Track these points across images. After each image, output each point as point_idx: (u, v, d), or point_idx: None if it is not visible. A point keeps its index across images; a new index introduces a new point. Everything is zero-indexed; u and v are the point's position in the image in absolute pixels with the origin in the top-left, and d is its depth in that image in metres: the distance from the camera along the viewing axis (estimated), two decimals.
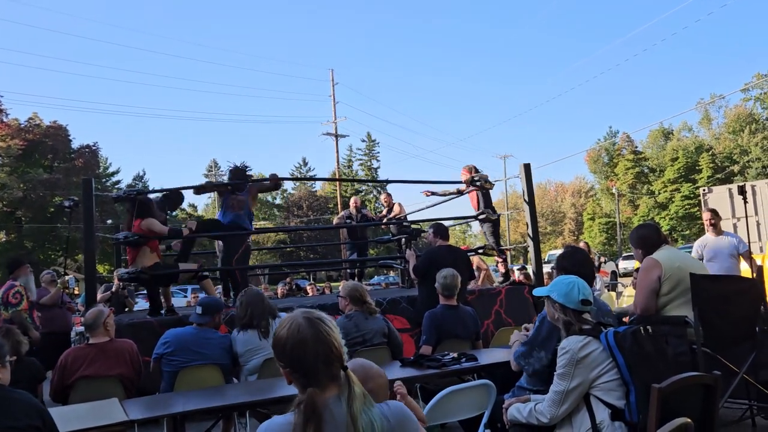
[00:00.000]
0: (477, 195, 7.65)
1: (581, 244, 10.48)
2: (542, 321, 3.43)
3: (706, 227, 7.13)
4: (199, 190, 7.38)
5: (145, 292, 7.96)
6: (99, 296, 7.04)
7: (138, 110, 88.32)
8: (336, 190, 40.55)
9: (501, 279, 7.82)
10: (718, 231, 6.87)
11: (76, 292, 25.03)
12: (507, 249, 8.20)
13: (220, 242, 7.16)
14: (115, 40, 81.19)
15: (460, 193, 8.15)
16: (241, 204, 6.93)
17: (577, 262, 3.58)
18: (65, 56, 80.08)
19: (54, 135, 35.60)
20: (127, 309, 8.25)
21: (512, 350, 3.63)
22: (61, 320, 7.60)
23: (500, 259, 7.79)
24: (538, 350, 3.36)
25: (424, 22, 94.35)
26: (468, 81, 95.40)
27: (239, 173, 7.01)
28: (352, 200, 10.54)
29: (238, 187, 6.89)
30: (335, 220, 11.06)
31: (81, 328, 8.47)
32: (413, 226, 8.78)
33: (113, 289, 7.74)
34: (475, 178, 7.55)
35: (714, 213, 7.03)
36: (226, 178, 7.35)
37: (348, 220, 10.14)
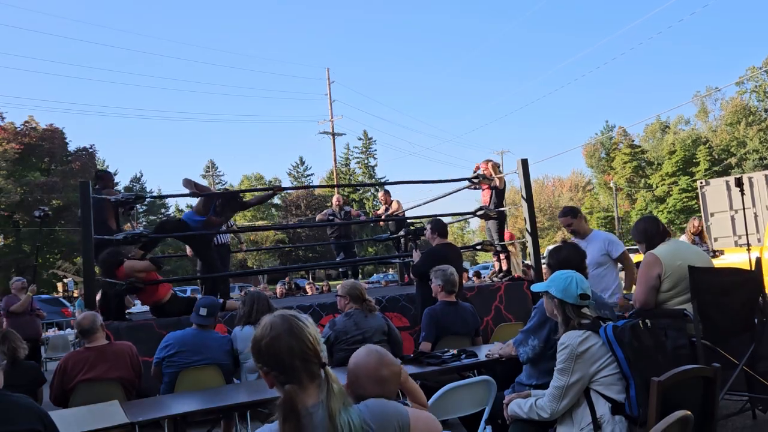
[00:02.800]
0: (491, 192, 7.71)
1: None
2: (536, 311, 3.51)
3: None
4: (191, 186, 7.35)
5: None
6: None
7: (134, 112, 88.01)
8: (334, 188, 40.53)
9: (501, 275, 7.82)
10: (582, 234, 5.40)
11: (75, 294, 25.04)
12: (509, 245, 8.16)
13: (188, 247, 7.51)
14: (110, 42, 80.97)
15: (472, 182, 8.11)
16: (217, 226, 7.08)
17: (561, 259, 3.59)
18: (60, 59, 79.81)
19: (50, 138, 35.51)
20: (127, 311, 8.25)
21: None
22: (30, 327, 7.68)
23: (503, 256, 7.81)
24: (532, 338, 3.46)
25: (419, 19, 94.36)
26: (464, 77, 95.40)
27: (235, 199, 7.25)
28: (334, 198, 10.45)
29: (224, 212, 6.95)
30: (318, 218, 10.89)
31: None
32: (416, 224, 8.77)
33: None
34: (473, 179, 7.62)
35: (570, 214, 5.46)
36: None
37: (331, 218, 10.08)
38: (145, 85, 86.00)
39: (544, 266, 7.78)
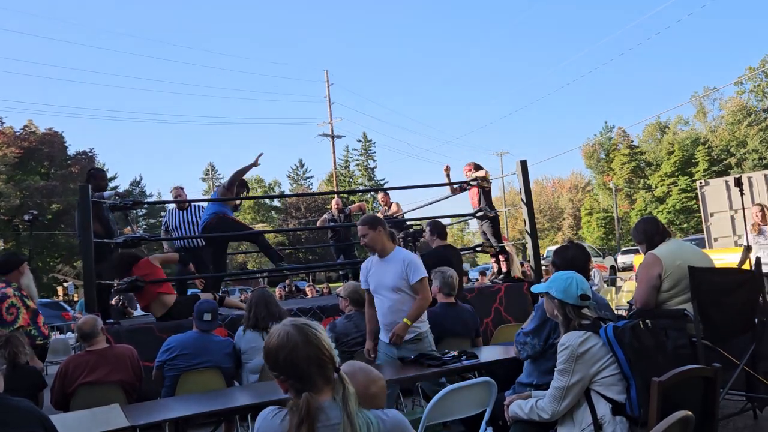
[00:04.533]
0: (478, 193, 7.72)
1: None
2: (537, 310, 3.52)
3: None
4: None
5: None
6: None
7: (133, 115, 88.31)
8: (333, 190, 40.55)
9: (501, 277, 7.84)
10: (379, 250, 4.37)
11: (75, 298, 25.06)
12: (508, 246, 8.19)
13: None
14: (109, 46, 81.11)
15: (456, 191, 8.23)
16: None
17: (568, 259, 3.61)
18: (58, 63, 79.91)
19: (50, 142, 35.58)
20: (127, 316, 8.26)
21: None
22: None
23: (503, 258, 7.83)
24: (532, 337, 3.47)
25: (418, 20, 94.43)
26: (463, 79, 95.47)
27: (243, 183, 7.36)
28: (333, 202, 10.43)
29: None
30: (318, 223, 10.96)
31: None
32: (414, 226, 8.78)
33: (113, 302, 7.70)
34: (470, 180, 7.65)
35: (368, 224, 4.36)
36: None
37: (331, 223, 10.06)
38: (143, 89, 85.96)
39: (544, 267, 7.83)
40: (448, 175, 8.25)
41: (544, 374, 3.34)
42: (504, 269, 7.86)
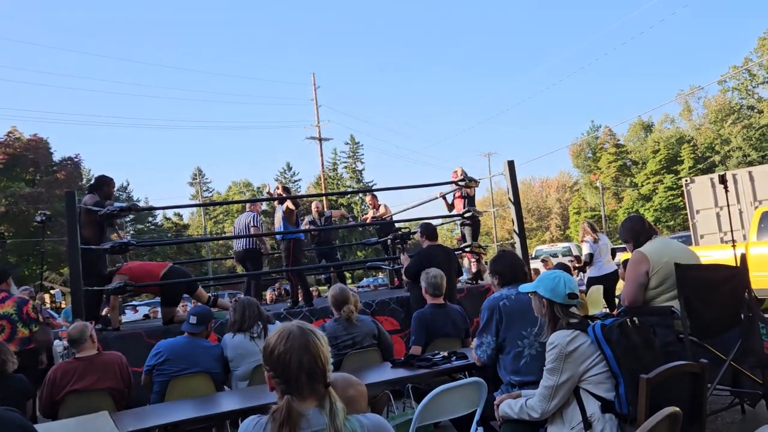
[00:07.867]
0: (463, 201, 7.92)
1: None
2: (483, 310, 3.61)
3: None
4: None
5: (133, 303, 7.91)
6: None
7: (119, 120, 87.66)
8: (322, 192, 40.43)
9: (470, 277, 8.01)
10: None
11: (63, 305, 24.81)
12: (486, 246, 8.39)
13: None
14: (93, 51, 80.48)
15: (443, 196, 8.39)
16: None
17: (508, 264, 3.76)
18: (43, 68, 79.25)
19: (35, 148, 35.28)
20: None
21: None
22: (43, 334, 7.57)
23: (474, 259, 7.99)
24: (485, 336, 3.55)
25: (404, 22, 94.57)
26: (449, 79, 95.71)
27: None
28: (313, 205, 10.42)
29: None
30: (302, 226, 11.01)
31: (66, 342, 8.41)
32: (402, 229, 8.83)
33: (103, 312, 7.63)
34: (458, 183, 7.76)
35: None
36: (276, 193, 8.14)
37: (311, 226, 10.05)
38: (129, 93, 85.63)
39: (533, 267, 7.93)
40: (445, 199, 8.48)
41: (509, 369, 3.44)
42: (474, 270, 8.08)
